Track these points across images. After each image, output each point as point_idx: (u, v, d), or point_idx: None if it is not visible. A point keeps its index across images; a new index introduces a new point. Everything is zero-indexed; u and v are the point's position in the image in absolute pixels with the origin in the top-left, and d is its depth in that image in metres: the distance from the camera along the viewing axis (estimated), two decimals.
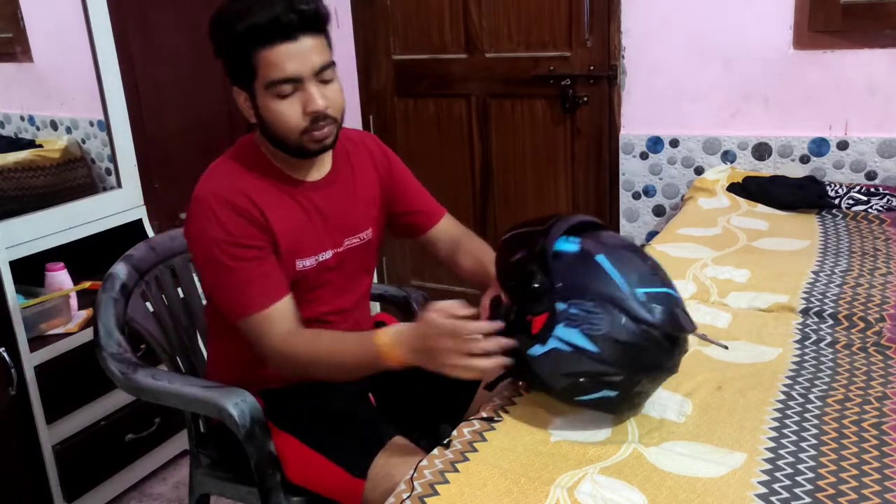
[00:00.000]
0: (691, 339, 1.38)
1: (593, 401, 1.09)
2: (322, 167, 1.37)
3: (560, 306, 1.05)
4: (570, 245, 1.11)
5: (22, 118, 2.28)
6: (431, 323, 1.10)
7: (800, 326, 1.42)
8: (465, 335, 1.07)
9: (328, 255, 1.36)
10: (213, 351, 1.47)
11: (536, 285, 1.08)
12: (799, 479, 0.97)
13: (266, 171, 1.31)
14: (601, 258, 1.08)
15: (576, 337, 1.05)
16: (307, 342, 1.25)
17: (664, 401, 1.17)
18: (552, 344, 1.06)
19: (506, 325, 1.11)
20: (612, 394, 1.08)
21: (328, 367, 1.25)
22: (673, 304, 1.08)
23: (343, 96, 1.29)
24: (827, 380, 1.22)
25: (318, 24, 1.22)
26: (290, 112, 1.23)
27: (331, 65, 1.25)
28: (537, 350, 1.07)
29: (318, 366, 1.25)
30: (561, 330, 1.05)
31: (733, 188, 2.30)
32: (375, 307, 1.95)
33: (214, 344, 1.46)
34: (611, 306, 1.04)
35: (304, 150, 1.28)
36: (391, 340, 1.15)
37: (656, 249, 1.88)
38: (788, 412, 1.13)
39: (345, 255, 1.39)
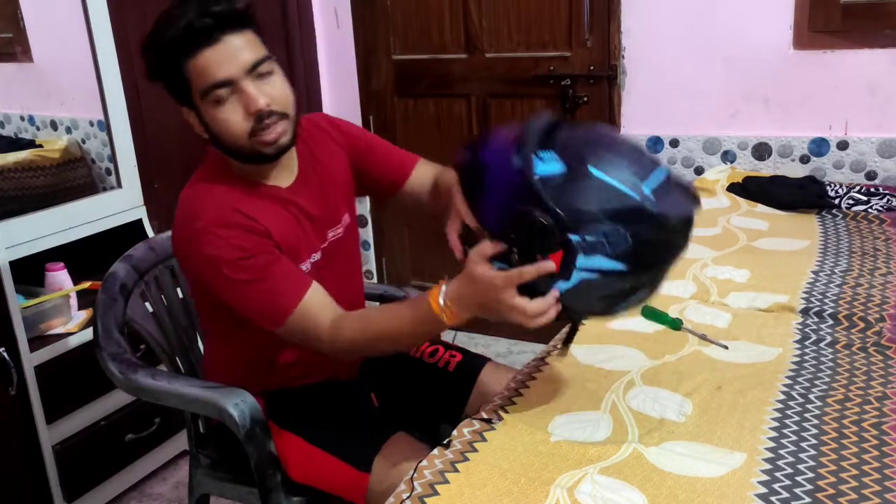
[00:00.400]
0: (691, 338, 1.39)
1: (630, 303, 1.07)
2: (291, 168, 1.32)
3: (574, 238, 0.97)
4: (550, 166, 0.99)
5: (22, 118, 2.28)
6: (481, 277, 1.03)
7: (800, 326, 1.42)
8: (518, 283, 1.01)
9: (318, 255, 1.34)
10: (210, 355, 1.47)
11: (543, 225, 0.97)
12: (799, 479, 0.97)
13: (245, 184, 1.26)
14: (594, 170, 0.98)
15: (600, 262, 0.98)
16: (358, 327, 1.20)
17: (664, 401, 1.17)
18: (578, 277, 0.99)
19: (509, 267, 1.02)
20: (645, 290, 1.06)
21: (389, 344, 1.21)
22: (673, 183, 1.03)
23: (288, 89, 1.22)
24: (827, 380, 1.22)
25: (238, 20, 1.17)
26: (232, 118, 1.17)
27: (266, 59, 1.19)
28: (563, 286, 1.00)
29: (379, 344, 1.21)
30: (583, 260, 0.98)
31: (733, 188, 2.30)
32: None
33: (212, 349, 1.46)
34: (627, 219, 0.97)
35: (261, 155, 1.22)
36: (448, 302, 1.09)
37: None
38: (788, 412, 1.13)
39: (331, 248, 1.37)
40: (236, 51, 1.16)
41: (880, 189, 2.16)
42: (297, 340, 1.24)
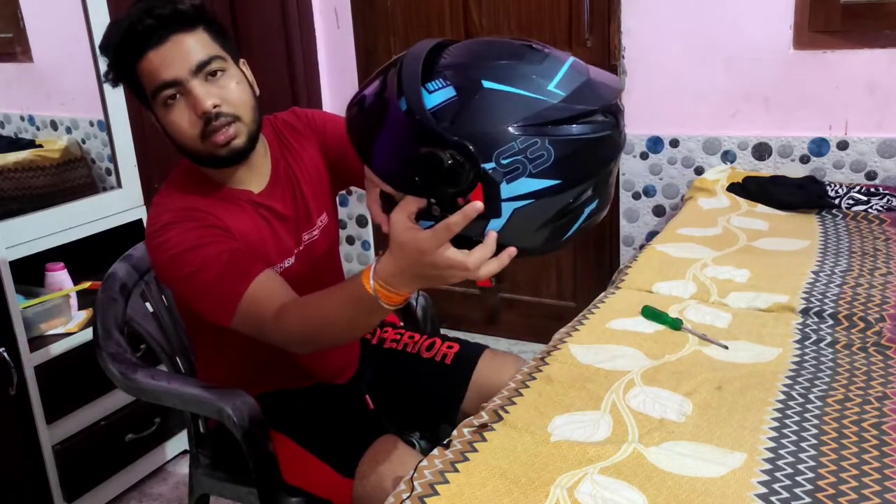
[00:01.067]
0: (691, 338, 1.39)
1: (580, 227, 0.93)
2: (262, 171, 1.28)
3: (489, 166, 0.84)
4: (440, 93, 0.86)
5: (22, 118, 2.28)
6: (408, 243, 0.90)
7: (800, 326, 1.42)
8: (448, 237, 0.88)
9: (290, 261, 1.30)
10: (201, 364, 1.47)
11: (449, 163, 0.83)
12: (799, 479, 0.97)
13: (212, 188, 1.23)
14: (488, 83, 0.86)
15: (528, 184, 0.86)
16: (300, 314, 1.11)
17: (664, 401, 1.17)
18: (508, 209, 0.87)
19: (437, 221, 0.89)
20: (593, 205, 0.92)
21: (334, 332, 1.10)
22: (585, 73, 0.90)
23: (242, 90, 1.18)
24: (827, 380, 1.22)
25: (185, 20, 1.14)
26: (180, 119, 1.14)
27: (216, 58, 1.15)
28: (496, 225, 0.88)
29: (325, 332, 1.10)
30: (507, 188, 0.86)
31: (733, 188, 2.30)
32: None
33: (202, 357, 1.46)
34: (541, 127, 0.85)
35: (215, 158, 1.18)
36: (380, 283, 0.96)
37: (656, 249, 1.88)
38: (788, 412, 1.13)
39: (306, 251, 1.33)
40: (184, 50, 1.13)
41: (880, 189, 2.16)
42: (251, 333, 1.16)
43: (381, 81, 0.91)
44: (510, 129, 0.85)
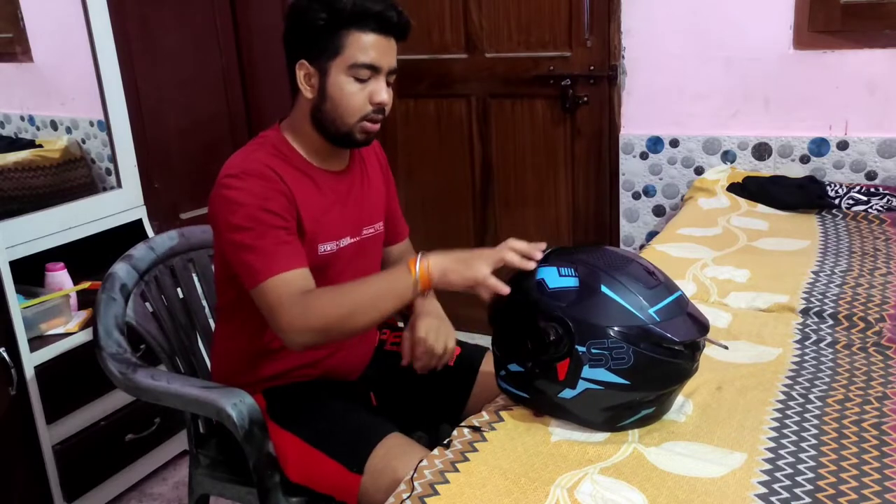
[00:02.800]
0: None
1: (634, 422, 1.10)
2: (342, 161, 1.42)
3: (580, 349, 1.05)
4: (567, 280, 1.10)
5: (22, 118, 2.28)
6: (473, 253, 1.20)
7: (800, 326, 1.42)
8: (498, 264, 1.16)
9: (347, 241, 1.39)
10: (219, 344, 1.47)
11: (553, 338, 1.06)
12: (799, 479, 0.97)
13: (289, 159, 1.34)
14: (605, 289, 1.07)
15: (604, 375, 1.05)
16: (328, 297, 1.24)
17: None
18: (582, 386, 1.06)
19: (524, 371, 1.11)
20: (651, 410, 1.09)
21: (352, 322, 1.23)
22: (684, 308, 1.09)
23: (392, 103, 1.36)
24: (827, 380, 1.22)
25: (405, 32, 1.32)
26: (359, 96, 1.29)
27: (397, 71, 1.34)
28: (569, 393, 1.07)
29: (343, 322, 1.22)
30: (588, 371, 1.05)
31: (733, 188, 2.30)
32: None
33: (221, 332, 1.47)
34: (631, 337, 1.04)
35: (350, 138, 1.33)
36: (428, 263, 1.21)
37: (656, 249, 1.88)
38: (788, 412, 1.13)
39: (362, 244, 1.43)
40: (392, 51, 1.31)
41: (880, 189, 2.16)
42: (264, 309, 1.24)
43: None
44: (608, 329, 1.05)
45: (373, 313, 1.23)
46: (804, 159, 2.34)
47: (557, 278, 1.10)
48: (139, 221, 2.27)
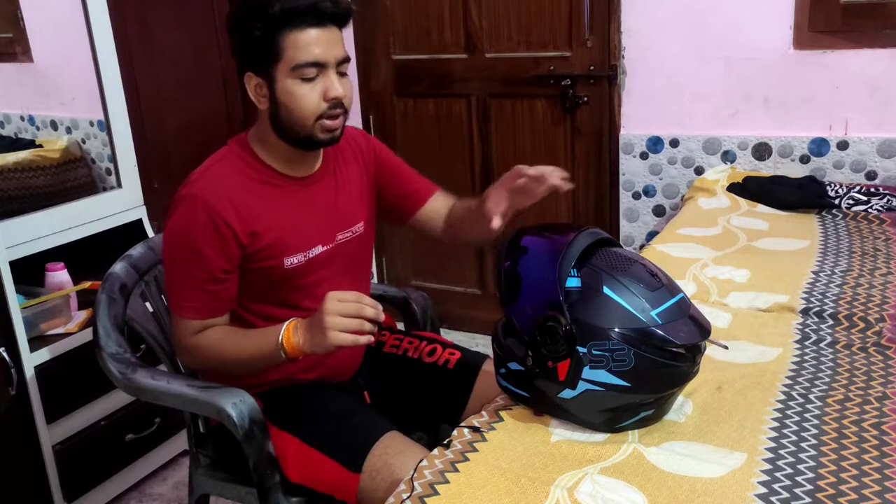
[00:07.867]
0: None
1: (634, 423, 1.10)
2: (314, 163, 1.39)
3: (581, 350, 1.04)
4: (572, 280, 1.09)
5: (22, 118, 2.28)
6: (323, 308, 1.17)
7: (800, 326, 1.42)
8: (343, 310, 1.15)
9: (318, 250, 1.37)
10: None
11: (560, 332, 1.05)
12: (799, 479, 0.97)
13: (257, 171, 1.33)
14: (608, 291, 1.06)
15: (604, 376, 1.04)
16: (211, 345, 1.30)
17: None
18: (583, 387, 1.06)
19: (524, 370, 1.11)
20: (650, 412, 1.10)
21: (231, 363, 1.31)
22: (686, 311, 1.09)
23: (352, 93, 1.32)
24: (827, 380, 1.22)
25: (345, 18, 1.27)
26: (310, 96, 1.26)
27: (348, 60, 1.29)
28: (568, 394, 1.07)
29: (219, 361, 1.32)
30: (588, 372, 1.05)
31: (733, 188, 2.30)
32: None
33: None
34: (632, 339, 1.04)
35: (312, 140, 1.29)
36: (295, 328, 1.23)
37: (656, 249, 1.88)
38: (788, 412, 1.13)
39: (336, 251, 1.40)
40: (335, 41, 1.26)
41: (880, 189, 2.16)
42: (171, 324, 1.35)
43: (544, 249, 1.13)
44: (609, 330, 1.04)
45: (247, 369, 1.33)
46: (804, 159, 2.34)
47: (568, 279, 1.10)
48: (139, 221, 2.27)
